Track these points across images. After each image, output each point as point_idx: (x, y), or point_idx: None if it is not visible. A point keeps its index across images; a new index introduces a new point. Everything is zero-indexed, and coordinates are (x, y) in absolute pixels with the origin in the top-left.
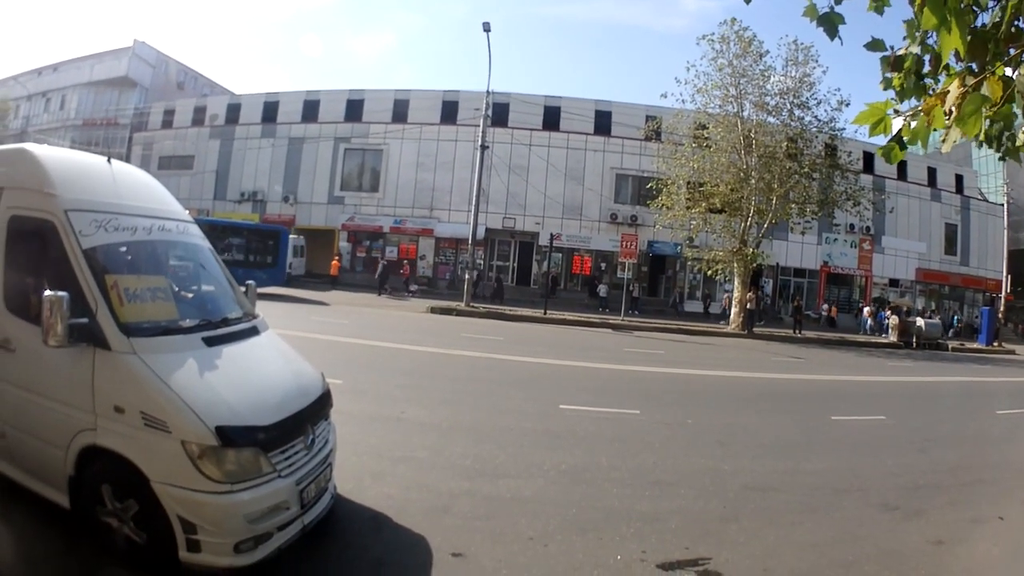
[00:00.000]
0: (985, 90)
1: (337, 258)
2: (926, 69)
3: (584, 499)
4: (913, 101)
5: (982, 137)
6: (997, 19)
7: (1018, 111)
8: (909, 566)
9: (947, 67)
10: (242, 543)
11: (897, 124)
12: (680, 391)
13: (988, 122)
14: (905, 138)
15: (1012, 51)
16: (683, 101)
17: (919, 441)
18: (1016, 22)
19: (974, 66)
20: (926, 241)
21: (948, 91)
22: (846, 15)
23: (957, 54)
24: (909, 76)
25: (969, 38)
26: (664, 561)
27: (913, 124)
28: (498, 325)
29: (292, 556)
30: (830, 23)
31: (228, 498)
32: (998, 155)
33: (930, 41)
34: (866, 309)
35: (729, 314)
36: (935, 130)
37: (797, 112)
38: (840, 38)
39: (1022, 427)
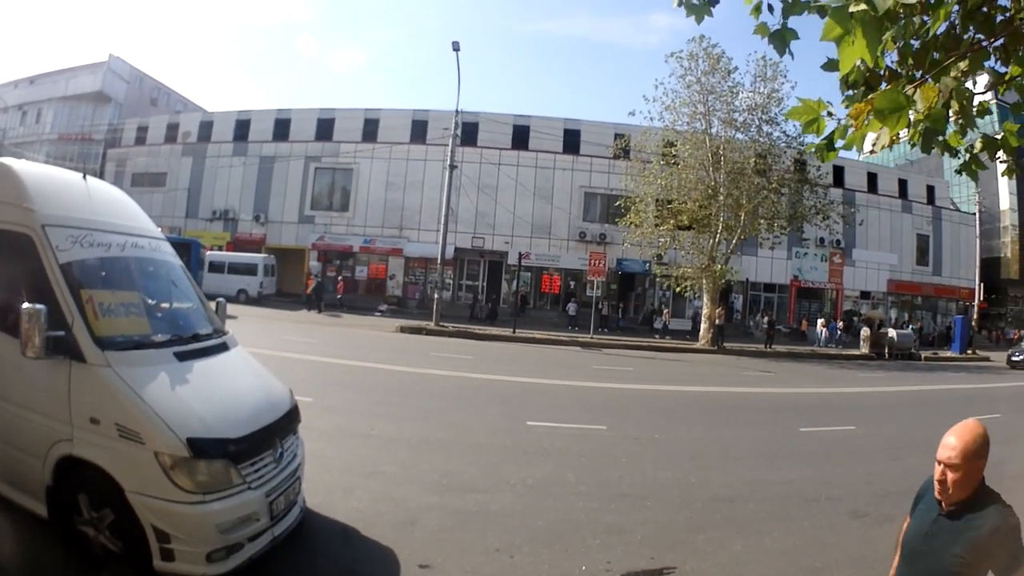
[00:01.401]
0: (918, 96)
1: (311, 277)
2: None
3: (551, 512)
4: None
5: (915, 139)
6: (940, 28)
7: (951, 114)
8: (878, 571)
9: (892, 74)
10: (214, 552)
11: (830, 126)
12: (649, 407)
13: (921, 126)
14: (839, 141)
15: (952, 58)
16: (651, 119)
17: (890, 449)
18: (954, 31)
19: (916, 74)
20: (897, 252)
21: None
22: (809, 28)
23: (902, 61)
24: (857, 88)
25: (916, 46)
26: (629, 571)
27: (850, 131)
28: (468, 344)
29: (263, 567)
30: (781, 39)
31: (199, 508)
32: (954, 170)
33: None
34: (819, 321)
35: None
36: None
37: (766, 128)
38: (791, 52)
39: (995, 432)
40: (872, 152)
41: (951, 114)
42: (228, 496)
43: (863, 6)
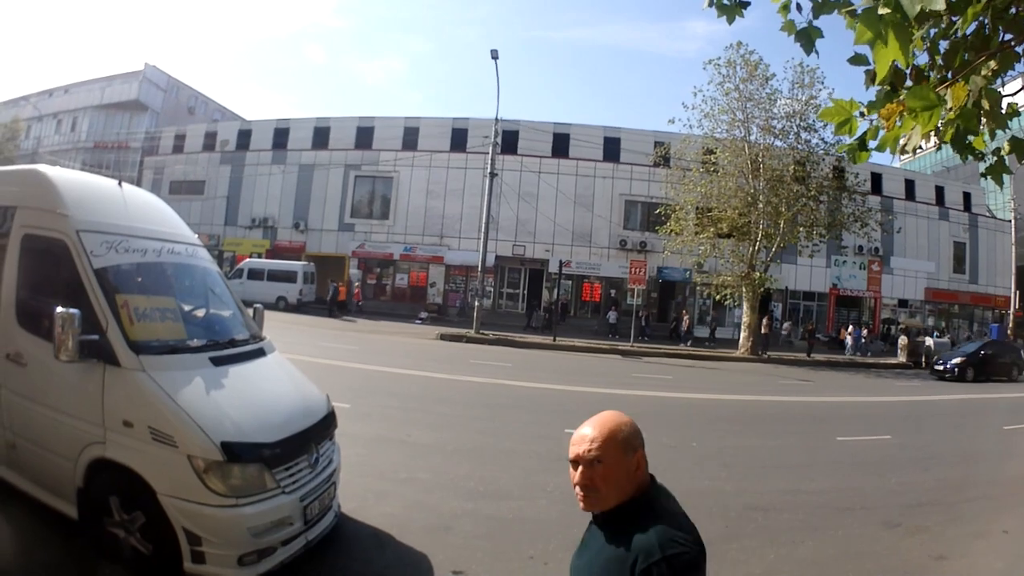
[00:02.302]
0: (949, 95)
1: (342, 284)
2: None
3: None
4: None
5: (947, 138)
6: (969, 28)
7: (983, 118)
8: None
9: (920, 73)
10: (246, 556)
11: (863, 127)
12: (686, 415)
13: (953, 125)
14: (871, 142)
15: (982, 59)
16: (690, 126)
17: (923, 459)
18: (985, 31)
19: (949, 75)
20: (935, 260)
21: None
22: (839, 29)
23: (931, 62)
24: (884, 88)
25: (946, 47)
26: None
27: (882, 132)
28: (508, 352)
29: (296, 571)
30: (807, 38)
31: (232, 512)
32: (980, 173)
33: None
34: (849, 330)
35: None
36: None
37: (804, 135)
38: (817, 51)
39: None
40: (903, 152)
41: (981, 115)
42: (261, 500)
43: (888, 9)
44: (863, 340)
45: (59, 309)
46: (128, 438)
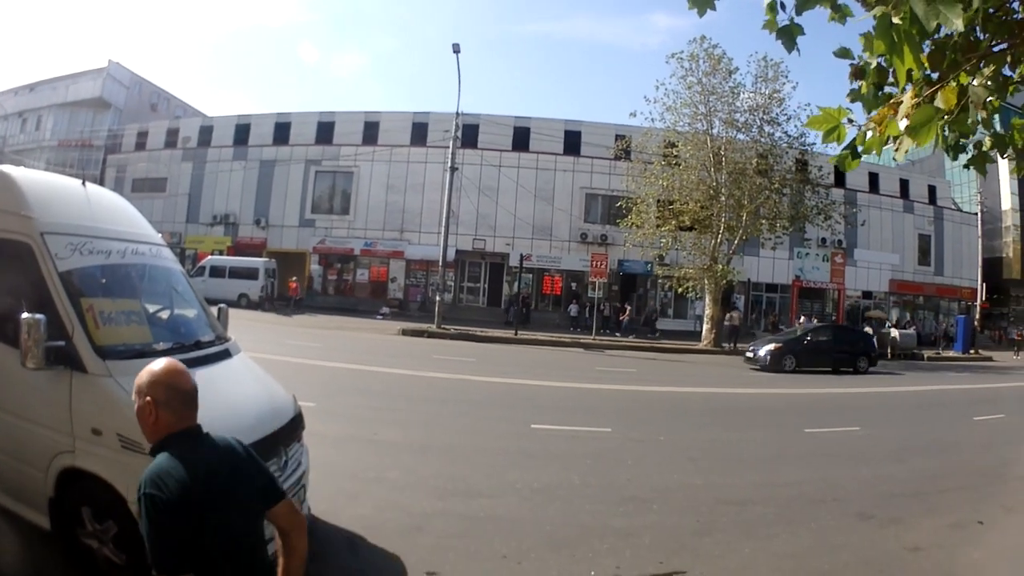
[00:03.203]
0: (939, 100)
1: (294, 280)
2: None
3: (558, 516)
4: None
5: (940, 146)
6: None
7: (974, 119)
8: (888, 573)
9: (907, 75)
10: None
11: (851, 133)
12: (652, 408)
13: (946, 130)
14: (859, 147)
15: (970, 60)
16: (652, 120)
17: (896, 450)
18: (974, 32)
19: (932, 75)
20: (900, 252)
21: (901, 101)
22: (815, 27)
23: (912, 73)
24: (870, 87)
25: (929, 48)
26: (638, 575)
27: (868, 135)
28: (470, 347)
29: None
30: (789, 35)
31: None
32: (962, 165)
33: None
34: (800, 320)
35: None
36: (889, 139)
37: (767, 128)
38: (798, 49)
39: (1000, 432)
40: (895, 159)
41: (978, 121)
42: None
43: (901, 20)
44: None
45: (24, 315)
46: (97, 446)
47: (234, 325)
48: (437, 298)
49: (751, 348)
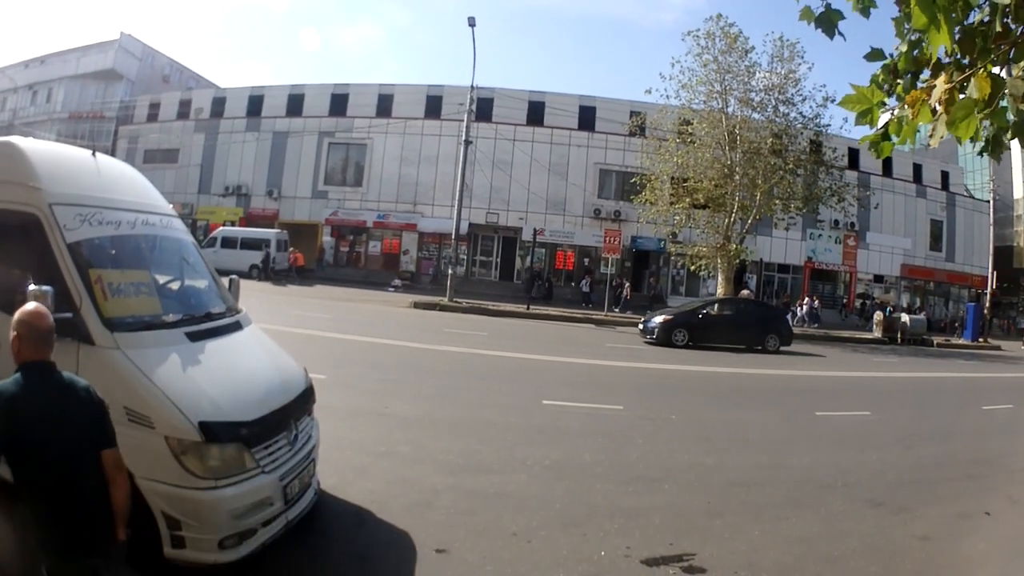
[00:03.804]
0: (972, 88)
1: (293, 250)
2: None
3: (568, 494)
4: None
5: (979, 139)
6: (986, 16)
7: (1010, 114)
8: (896, 561)
9: (938, 62)
10: (226, 539)
11: (884, 118)
12: (663, 386)
13: (985, 123)
14: (892, 135)
15: (1001, 47)
16: (668, 97)
17: (904, 437)
18: (1006, 19)
19: (962, 62)
20: (911, 237)
21: (934, 85)
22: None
23: (946, 51)
24: (904, 77)
25: (959, 35)
26: (648, 557)
27: (903, 121)
28: (481, 320)
29: (276, 552)
30: (828, 22)
31: (212, 494)
32: (978, 152)
33: (913, 37)
34: (805, 301)
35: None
36: (920, 126)
37: (782, 108)
38: (842, 35)
39: (1008, 422)
40: (929, 146)
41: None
42: (241, 481)
43: None
44: (815, 310)
45: (32, 286)
46: None
47: (248, 295)
48: (449, 271)
49: (644, 319)
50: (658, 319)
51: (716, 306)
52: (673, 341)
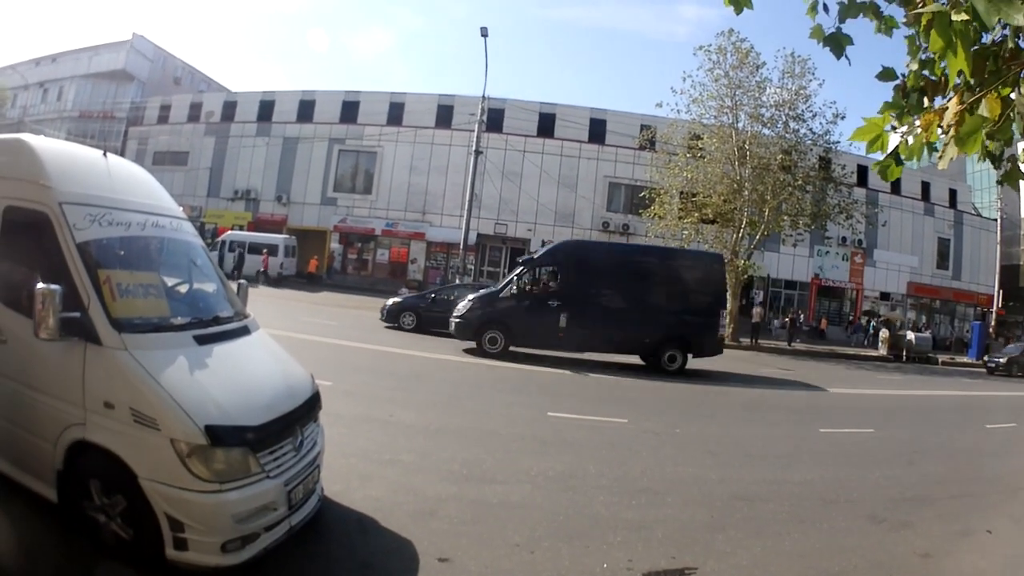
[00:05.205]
0: (983, 108)
1: (315, 258)
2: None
3: (571, 506)
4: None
5: (982, 155)
6: (997, 37)
7: (1016, 130)
8: None
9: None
10: (229, 543)
11: (894, 141)
12: (669, 401)
13: (988, 140)
14: (902, 156)
15: (1012, 69)
16: (678, 111)
17: (907, 453)
18: (1017, 41)
19: (972, 83)
20: (918, 255)
21: (947, 107)
22: (850, 31)
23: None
24: (912, 95)
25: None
26: (650, 570)
27: (910, 140)
28: None
29: (279, 557)
30: (837, 43)
31: (216, 497)
32: (996, 180)
33: (923, 56)
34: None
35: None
36: (931, 144)
37: (792, 124)
38: (847, 58)
39: (1011, 441)
40: (938, 167)
41: (1016, 130)
42: (246, 485)
43: (964, 16)
44: (800, 325)
45: (40, 285)
46: (109, 420)
47: (254, 300)
48: (456, 280)
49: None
50: (391, 300)
51: (448, 292)
52: (401, 324)
